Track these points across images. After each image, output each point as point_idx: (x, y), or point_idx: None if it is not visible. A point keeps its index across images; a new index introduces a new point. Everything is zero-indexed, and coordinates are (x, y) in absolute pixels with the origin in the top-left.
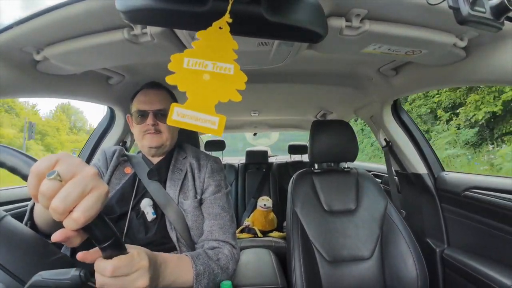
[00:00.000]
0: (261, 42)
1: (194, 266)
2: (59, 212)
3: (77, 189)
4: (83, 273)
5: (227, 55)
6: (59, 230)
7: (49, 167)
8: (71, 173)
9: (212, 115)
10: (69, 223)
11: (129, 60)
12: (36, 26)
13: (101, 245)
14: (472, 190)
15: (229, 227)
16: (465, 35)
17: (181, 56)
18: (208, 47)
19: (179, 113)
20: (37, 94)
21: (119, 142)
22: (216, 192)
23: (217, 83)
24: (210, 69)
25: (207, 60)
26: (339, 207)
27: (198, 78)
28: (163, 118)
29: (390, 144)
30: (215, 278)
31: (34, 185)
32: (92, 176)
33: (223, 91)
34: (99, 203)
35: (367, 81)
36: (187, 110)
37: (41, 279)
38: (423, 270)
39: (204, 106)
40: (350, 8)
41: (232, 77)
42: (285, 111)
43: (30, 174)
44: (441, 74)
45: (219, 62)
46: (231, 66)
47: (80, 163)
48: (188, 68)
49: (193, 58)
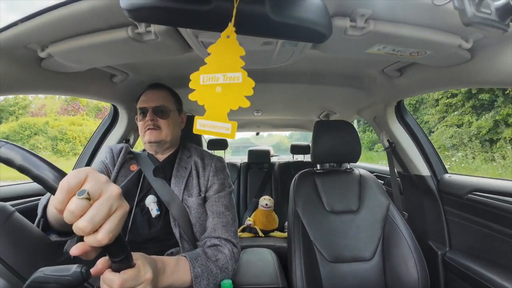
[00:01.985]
0: (265, 41)
1: (192, 269)
2: (85, 232)
3: (105, 210)
4: (84, 269)
5: (235, 64)
6: (79, 244)
7: (79, 184)
8: (99, 192)
9: (225, 122)
10: (91, 242)
11: (133, 58)
12: (41, 23)
13: (114, 260)
14: (475, 193)
15: (231, 225)
16: (470, 36)
17: (198, 74)
18: (219, 60)
19: (201, 124)
20: (41, 91)
21: (122, 139)
22: (220, 190)
23: (227, 93)
24: (221, 81)
25: (218, 73)
26: (341, 208)
27: (212, 91)
28: (163, 115)
29: (393, 146)
30: (215, 278)
31: (62, 201)
32: (117, 195)
33: (233, 99)
34: (122, 222)
35: (371, 82)
36: (207, 121)
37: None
38: (424, 273)
39: (218, 116)
40: (355, 8)
41: (241, 85)
42: (288, 111)
43: (59, 189)
44: (445, 75)
45: (228, 73)
46: (239, 74)
47: (107, 182)
48: (204, 84)
49: (207, 74)
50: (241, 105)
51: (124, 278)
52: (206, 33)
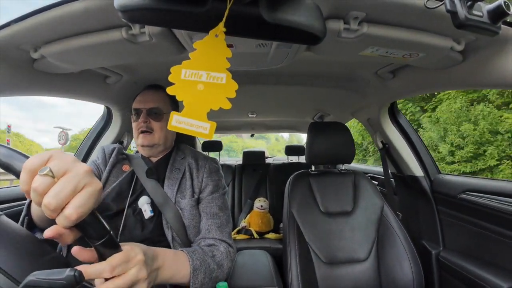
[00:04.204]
0: (260, 43)
1: (191, 261)
2: (51, 208)
3: (70, 186)
4: (77, 273)
5: (220, 64)
6: (52, 226)
7: (41, 163)
8: (63, 170)
9: (204, 121)
10: (61, 220)
11: (127, 60)
12: (34, 24)
13: (95, 243)
14: (468, 192)
15: (225, 226)
16: (462, 39)
17: (180, 68)
18: (203, 57)
19: (177, 120)
20: (34, 93)
21: (115, 141)
22: (214, 192)
23: (209, 92)
24: (204, 79)
25: (202, 71)
26: (336, 209)
27: (193, 88)
28: (157, 117)
29: (386, 147)
30: (211, 273)
31: (26, 181)
32: (85, 173)
33: (214, 99)
34: (92, 199)
35: (365, 84)
36: (184, 117)
37: (35, 279)
38: (419, 272)
39: (197, 114)
40: (349, 10)
41: (224, 86)
42: (282, 112)
43: (22, 170)
44: (438, 77)
45: (212, 72)
46: (223, 75)
47: (73, 160)
48: (185, 79)
49: (189, 69)
50: (222, 106)
51: (113, 264)
52: (201, 35)
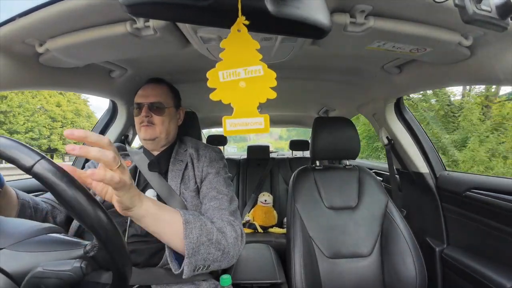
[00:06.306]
0: (264, 37)
1: (183, 215)
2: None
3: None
4: (84, 264)
5: (253, 57)
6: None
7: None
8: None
9: (257, 116)
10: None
11: (131, 54)
12: (39, 18)
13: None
14: (474, 190)
15: (227, 206)
16: (470, 34)
17: (216, 71)
18: (235, 55)
19: (231, 124)
20: (39, 87)
21: (121, 135)
22: (213, 178)
23: (252, 87)
24: (243, 76)
25: (239, 68)
26: (340, 204)
27: (236, 87)
28: (158, 111)
29: (392, 142)
30: (210, 234)
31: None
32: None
33: (259, 93)
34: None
35: (371, 78)
36: (237, 119)
37: (42, 270)
38: (422, 269)
39: (248, 111)
40: (355, 4)
41: (263, 77)
42: (287, 107)
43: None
44: (445, 72)
45: (248, 66)
46: (259, 67)
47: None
48: (225, 81)
49: (226, 70)
50: (268, 97)
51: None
52: (205, 29)
